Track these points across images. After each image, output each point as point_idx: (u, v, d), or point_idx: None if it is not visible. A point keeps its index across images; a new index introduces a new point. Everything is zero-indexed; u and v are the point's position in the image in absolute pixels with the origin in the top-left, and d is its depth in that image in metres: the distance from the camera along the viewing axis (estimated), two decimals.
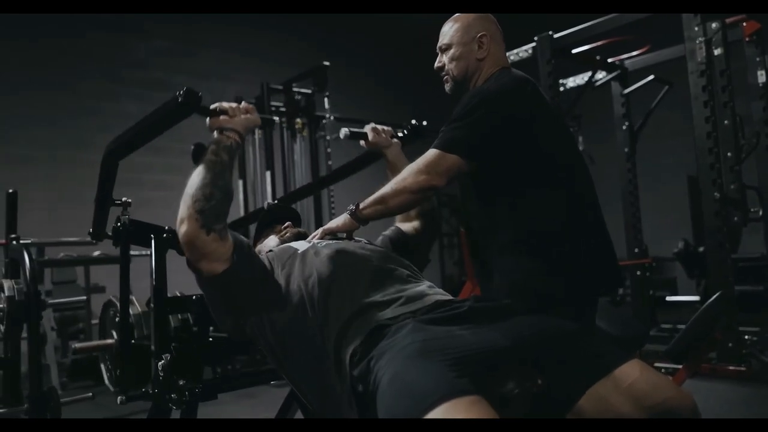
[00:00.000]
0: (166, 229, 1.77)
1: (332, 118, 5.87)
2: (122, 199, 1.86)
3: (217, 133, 1.56)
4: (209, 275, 1.46)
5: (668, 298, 6.14)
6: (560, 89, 5.32)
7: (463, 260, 4.30)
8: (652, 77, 5.22)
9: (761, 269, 5.07)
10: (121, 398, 1.77)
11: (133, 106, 6.66)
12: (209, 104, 1.57)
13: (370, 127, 2.02)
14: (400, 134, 2.12)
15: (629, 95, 5.43)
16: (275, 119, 5.58)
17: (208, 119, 1.57)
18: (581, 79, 5.92)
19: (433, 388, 1.07)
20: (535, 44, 4.83)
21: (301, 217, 2.14)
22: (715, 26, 3.90)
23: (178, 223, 1.45)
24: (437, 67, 1.93)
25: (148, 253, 1.75)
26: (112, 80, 6.75)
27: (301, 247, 1.64)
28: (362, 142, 2.04)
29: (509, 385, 1.18)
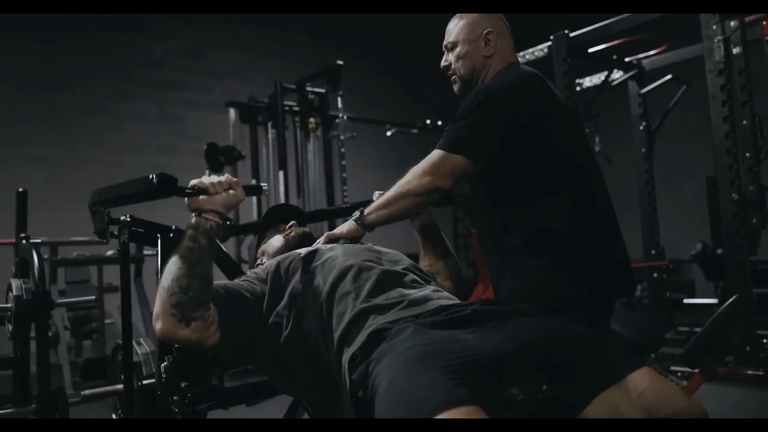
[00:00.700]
0: (173, 228, 1.76)
1: (346, 117, 5.85)
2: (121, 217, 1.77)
3: (195, 215, 1.40)
4: (200, 349, 1.41)
5: (686, 300, 6.05)
6: (576, 89, 5.25)
7: (475, 261, 4.26)
8: (669, 77, 5.14)
9: None
10: None
11: (147, 106, 6.71)
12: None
13: None
14: None
15: (646, 95, 5.35)
16: (282, 127, 5.56)
17: (186, 199, 1.42)
18: (597, 78, 5.84)
19: (430, 396, 1.03)
20: (550, 43, 4.78)
21: (304, 215, 2.11)
22: (734, 25, 3.83)
23: (153, 318, 1.34)
24: (443, 66, 1.90)
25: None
26: (126, 80, 6.82)
27: (304, 252, 1.60)
28: None
29: (513, 390, 1.14)
